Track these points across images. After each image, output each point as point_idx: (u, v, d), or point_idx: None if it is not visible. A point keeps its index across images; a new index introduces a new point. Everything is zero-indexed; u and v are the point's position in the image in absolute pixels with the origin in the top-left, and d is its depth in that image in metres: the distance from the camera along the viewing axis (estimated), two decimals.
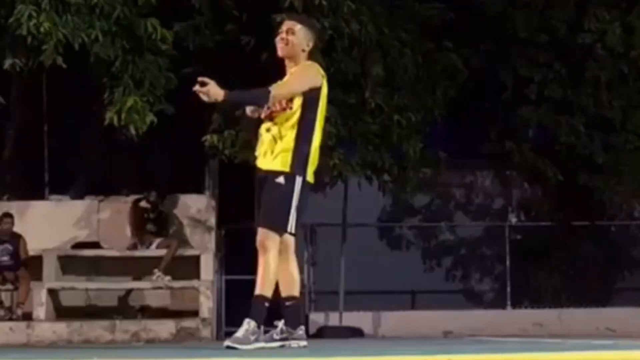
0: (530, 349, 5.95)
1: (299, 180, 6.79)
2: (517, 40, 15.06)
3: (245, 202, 16.30)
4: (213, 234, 14.44)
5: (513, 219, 18.40)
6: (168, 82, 12.69)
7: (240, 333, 6.65)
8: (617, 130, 15.26)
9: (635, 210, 17.56)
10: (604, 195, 15.53)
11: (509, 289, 16.50)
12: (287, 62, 7.03)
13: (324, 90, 6.95)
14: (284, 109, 6.84)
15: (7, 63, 12.29)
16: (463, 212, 19.18)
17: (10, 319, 13.32)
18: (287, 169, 6.79)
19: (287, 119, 6.84)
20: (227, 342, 6.61)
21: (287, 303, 6.95)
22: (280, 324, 6.87)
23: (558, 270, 17.10)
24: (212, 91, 6.76)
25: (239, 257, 16.16)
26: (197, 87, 6.78)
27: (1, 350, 10.34)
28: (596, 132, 15.22)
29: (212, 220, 14.44)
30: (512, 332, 14.29)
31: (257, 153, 6.95)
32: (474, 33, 15.03)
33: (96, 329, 13.10)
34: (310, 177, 6.88)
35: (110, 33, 12.33)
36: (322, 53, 11.72)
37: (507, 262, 16.77)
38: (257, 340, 6.64)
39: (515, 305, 16.51)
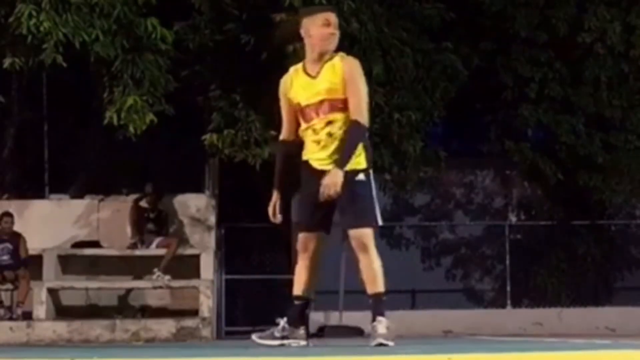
0: (530, 348, 5.95)
1: (371, 173, 6.84)
2: (518, 39, 15.07)
3: (245, 201, 16.37)
4: (213, 233, 14.43)
5: (513, 218, 18.42)
6: (168, 84, 12.69)
7: (383, 330, 6.67)
8: (617, 130, 15.28)
9: (635, 210, 17.57)
10: (603, 194, 15.55)
11: (509, 288, 16.52)
12: (320, 54, 6.90)
13: None
14: (343, 110, 6.78)
15: (7, 62, 12.29)
16: (463, 212, 19.20)
17: (10, 319, 13.30)
18: (363, 165, 6.77)
19: (348, 119, 6.77)
20: (378, 340, 6.59)
21: (296, 302, 6.94)
22: (282, 321, 6.85)
23: (558, 269, 17.11)
24: (336, 183, 6.64)
25: (239, 256, 16.20)
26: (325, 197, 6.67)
27: (1, 349, 10.33)
28: (596, 131, 15.23)
29: (212, 220, 14.44)
30: (512, 331, 14.30)
31: (318, 156, 6.78)
32: (474, 32, 15.03)
33: (96, 328, 13.10)
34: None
35: (110, 32, 12.33)
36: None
37: (507, 262, 16.78)
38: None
39: (515, 304, 16.53)
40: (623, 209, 17.50)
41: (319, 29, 6.85)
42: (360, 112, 6.77)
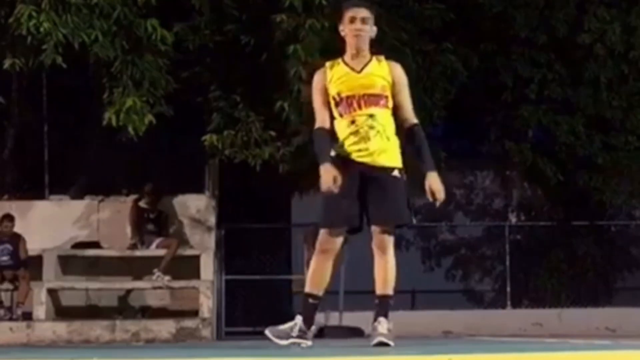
0: (530, 349, 5.95)
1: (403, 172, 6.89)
2: (517, 40, 15.07)
3: (245, 202, 16.34)
4: (213, 233, 14.43)
5: (513, 219, 18.41)
6: (168, 85, 12.70)
7: (383, 330, 6.70)
8: (617, 131, 15.27)
9: (635, 210, 17.58)
10: (603, 195, 15.54)
11: (508, 289, 16.52)
12: (356, 50, 6.88)
13: None
14: (383, 107, 6.82)
15: (7, 63, 12.29)
16: (463, 212, 19.20)
17: (10, 319, 13.30)
18: (400, 164, 6.84)
19: (388, 116, 6.84)
20: (378, 339, 6.62)
21: (311, 300, 6.91)
22: (299, 320, 6.82)
23: (558, 270, 17.11)
24: (440, 188, 6.85)
25: (239, 257, 16.20)
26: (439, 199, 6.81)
27: (1, 350, 10.33)
28: (596, 132, 15.23)
29: (212, 220, 14.44)
30: (512, 332, 14.30)
31: (358, 147, 6.77)
32: (474, 33, 15.03)
33: (96, 328, 13.10)
34: None
35: (110, 33, 12.34)
36: (320, 53, 11.75)
37: (507, 262, 16.78)
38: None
39: (515, 305, 16.52)
40: (623, 210, 17.50)
41: (347, 26, 6.90)
42: (415, 115, 6.95)
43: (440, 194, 6.83)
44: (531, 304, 16.73)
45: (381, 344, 6.59)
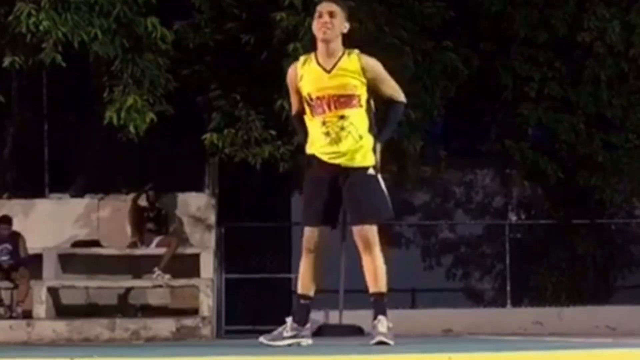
0: (530, 347, 5.95)
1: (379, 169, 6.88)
2: (517, 39, 15.07)
3: (245, 200, 16.33)
4: (213, 232, 14.44)
5: (513, 218, 18.41)
6: (168, 83, 12.70)
7: (383, 329, 6.71)
8: (617, 129, 15.28)
9: (635, 209, 17.58)
10: (604, 193, 15.54)
11: (509, 288, 16.52)
12: (325, 45, 6.87)
13: None
14: (355, 106, 6.78)
15: (7, 61, 12.29)
16: (463, 211, 19.20)
17: (10, 317, 13.32)
18: (372, 162, 6.81)
19: (361, 115, 6.81)
20: (378, 338, 6.63)
21: (302, 301, 6.93)
22: (290, 321, 6.83)
23: (558, 268, 17.11)
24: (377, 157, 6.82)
25: (239, 256, 16.20)
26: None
27: (1, 348, 10.33)
28: (596, 130, 15.23)
29: (212, 219, 14.44)
30: (512, 330, 14.29)
31: (329, 150, 6.77)
32: (474, 32, 15.03)
33: (96, 327, 13.11)
34: None
35: (109, 31, 12.33)
36: None
37: (507, 261, 16.78)
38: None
39: (515, 303, 16.52)
40: (623, 208, 17.50)
41: (315, 22, 6.92)
42: (400, 93, 6.99)
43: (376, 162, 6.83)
44: (531, 302, 16.73)
45: (381, 343, 6.60)
